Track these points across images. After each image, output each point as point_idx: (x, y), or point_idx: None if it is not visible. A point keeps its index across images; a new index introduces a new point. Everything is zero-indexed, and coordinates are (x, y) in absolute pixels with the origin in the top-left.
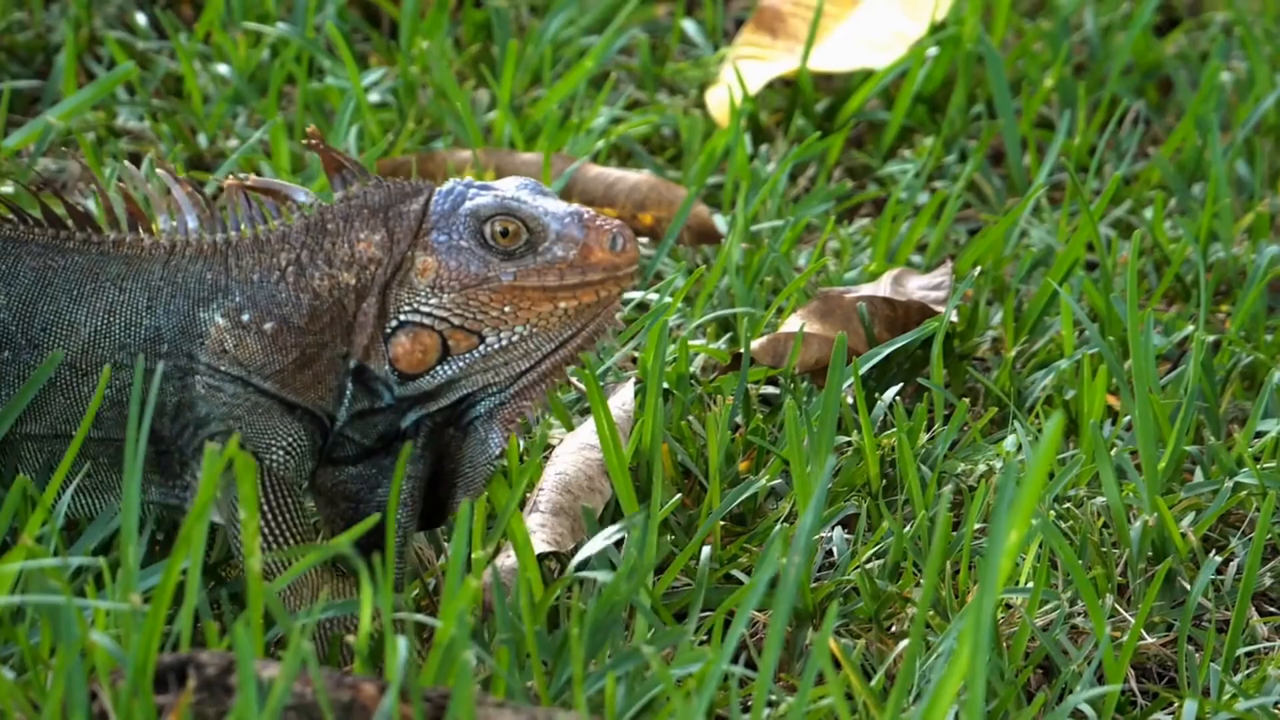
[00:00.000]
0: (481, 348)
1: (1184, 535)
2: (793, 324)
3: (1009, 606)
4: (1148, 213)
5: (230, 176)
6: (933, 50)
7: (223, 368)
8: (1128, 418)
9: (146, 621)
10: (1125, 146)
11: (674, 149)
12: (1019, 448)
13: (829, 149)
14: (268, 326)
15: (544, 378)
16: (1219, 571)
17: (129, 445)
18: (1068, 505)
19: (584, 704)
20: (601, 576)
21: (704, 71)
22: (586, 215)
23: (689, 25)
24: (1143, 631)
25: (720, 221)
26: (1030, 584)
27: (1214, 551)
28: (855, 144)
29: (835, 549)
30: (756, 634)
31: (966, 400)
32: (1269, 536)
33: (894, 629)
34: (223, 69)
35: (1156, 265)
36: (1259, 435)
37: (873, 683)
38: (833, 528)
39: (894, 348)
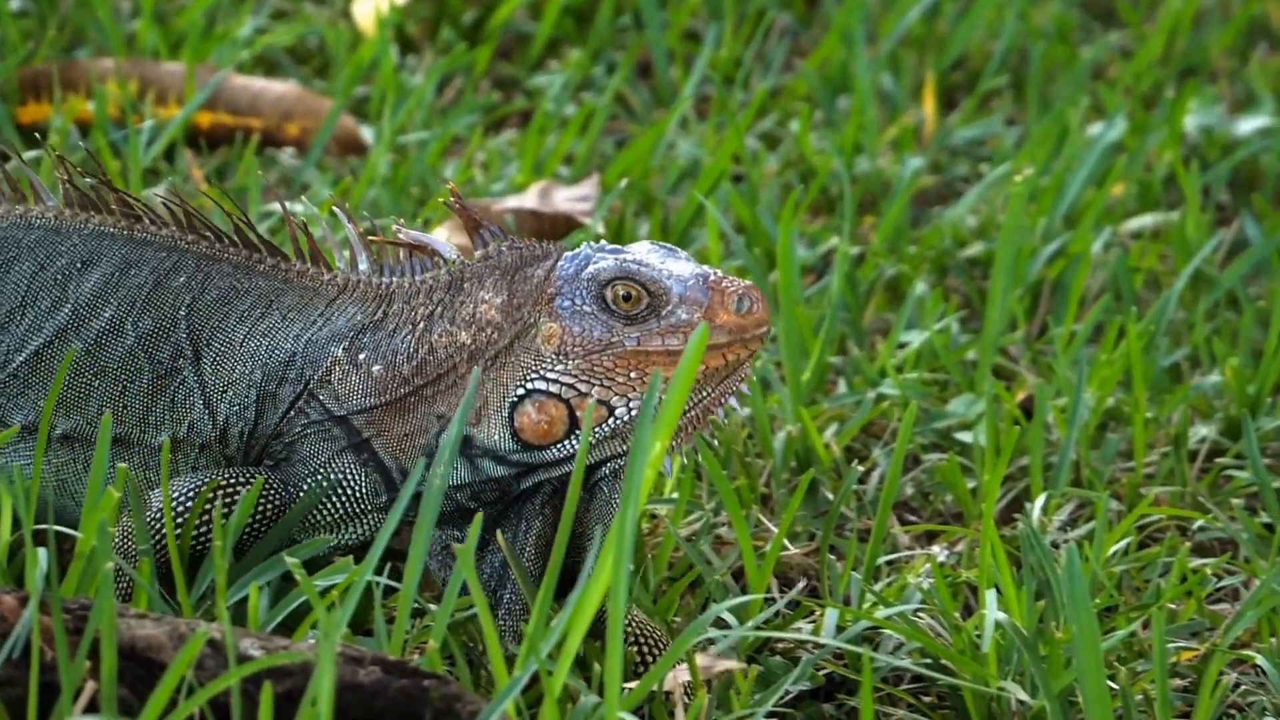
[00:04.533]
0: (611, 420)
1: (827, 446)
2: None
3: (654, 517)
4: (794, 125)
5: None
6: None
7: (320, 396)
8: (772, 329)
9: None
10: (771, 59)
11: (320, 59)
12: None
13: (476, 60)
14: (376, 369)
15: (671, 439)
16: (861, 481)
17: None
18: (712, 416)
19: (226, 614)
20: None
21: None
22: (712, 277)
23: None
24: (785, 541)
25: (367, 133)
26: (674, 495)
27: (856, 461)
28: (503, 55)
29: None
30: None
31: None
32: (910, 446)
33: None
34: None
35: (802, 177)
36: (901, 346)
37: None
38: None
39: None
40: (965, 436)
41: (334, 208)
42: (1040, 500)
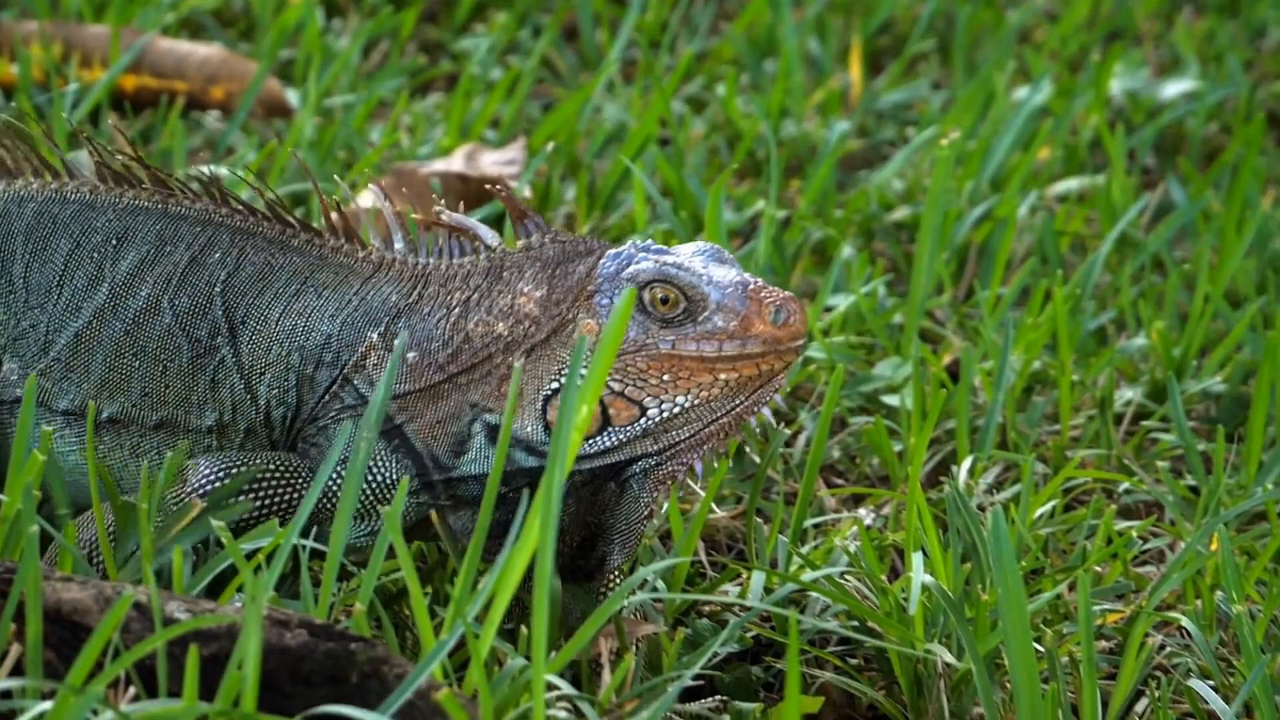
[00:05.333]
0: (643, 420)
1: None
2: (366, 200)
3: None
4: (720, 89)
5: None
6: None
7: (355, 380)
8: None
9: None
10: (698, 22)
11: (245, 22)
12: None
13: (402, 24)
14: (410, 355)
15: (703, 443)
16: (788, 444)
17: None
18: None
19: (152, 577)
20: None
21: None
22: (752, 286)
23: None
24: (712, 505)
25: (292, 96)
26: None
27: (783, 424)
28: (429, 19)
29: None
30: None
31: None
32: (836, 409)
33: None
34: None
35: (729, 141)
36: (828, 310)
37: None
38: None
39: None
40: (892, 399)
41: (370, 184)
42: (966, 463)
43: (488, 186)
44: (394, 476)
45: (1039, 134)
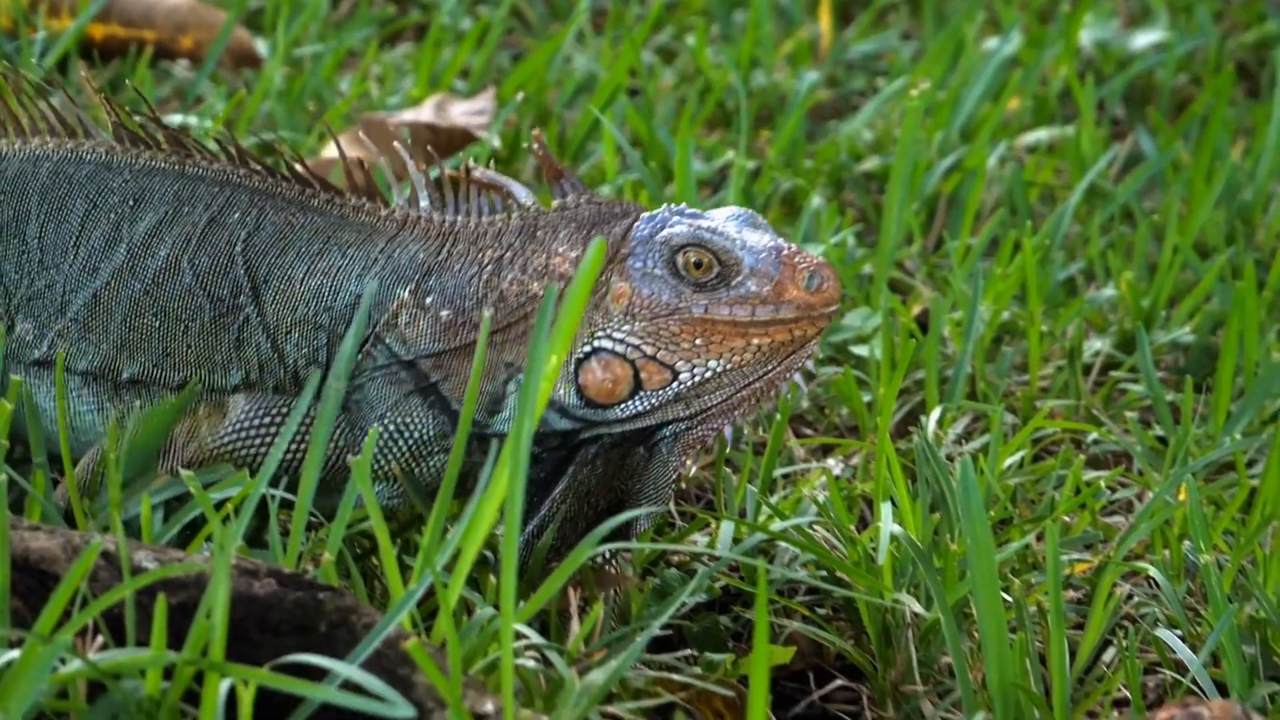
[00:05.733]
0: (675, 385)
1: None
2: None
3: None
4: (690, 39)
5: (462, 165)
6: None
7: (387, 340)
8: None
9: None
10: None
11: None
12: None
13: None
14: (444, 314)
15: (734, 408)
16: None
17: None
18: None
19: (121, 527)
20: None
21: None
22: (786, 251)
23: None
24: None
25: (261, 45)
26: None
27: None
28: None
29: None
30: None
31: None
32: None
33: None
34: None
35: (699, 92)
36: None
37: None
38: None
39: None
40: (861, 350)
41: (395, 143)
42: (935, 413)
43: (527, 146)
44: (432, 432)
45: (1008, 84)
